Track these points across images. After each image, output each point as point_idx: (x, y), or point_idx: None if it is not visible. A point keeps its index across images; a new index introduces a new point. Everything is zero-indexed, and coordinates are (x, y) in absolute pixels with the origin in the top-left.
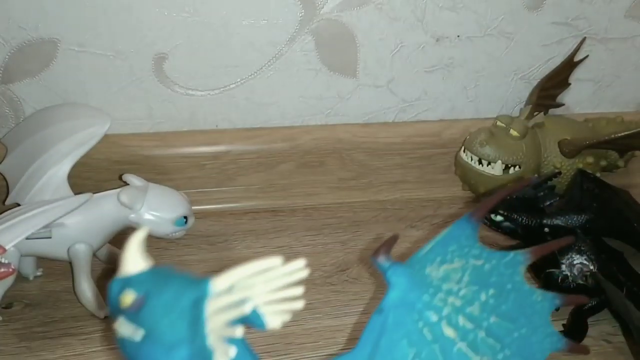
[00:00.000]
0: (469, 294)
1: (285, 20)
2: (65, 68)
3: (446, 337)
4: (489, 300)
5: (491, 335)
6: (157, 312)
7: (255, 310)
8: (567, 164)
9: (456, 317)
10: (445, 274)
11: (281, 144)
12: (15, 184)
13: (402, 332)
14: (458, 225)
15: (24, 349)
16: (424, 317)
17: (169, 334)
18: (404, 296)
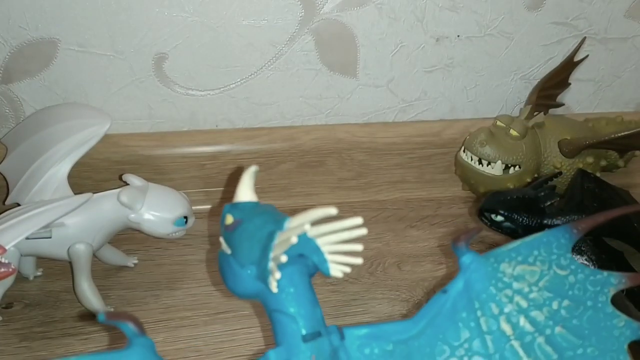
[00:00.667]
0: (539, 299)
1: (285, 20)
2: (65, 68)
3: (501, 332)
4: (560, 311)
5: (550, 344)
6: (243, 236)
7: (323, 259)
8: (567, 164)
9: (517, 317)
10: (520, 274)
11: (281, 144)
12: (15, 184)
13: (459, 316)
14: (554, 232)
15: (24, 349)
16: (485, 308)
17: (246, 255)
18: (471, 284)
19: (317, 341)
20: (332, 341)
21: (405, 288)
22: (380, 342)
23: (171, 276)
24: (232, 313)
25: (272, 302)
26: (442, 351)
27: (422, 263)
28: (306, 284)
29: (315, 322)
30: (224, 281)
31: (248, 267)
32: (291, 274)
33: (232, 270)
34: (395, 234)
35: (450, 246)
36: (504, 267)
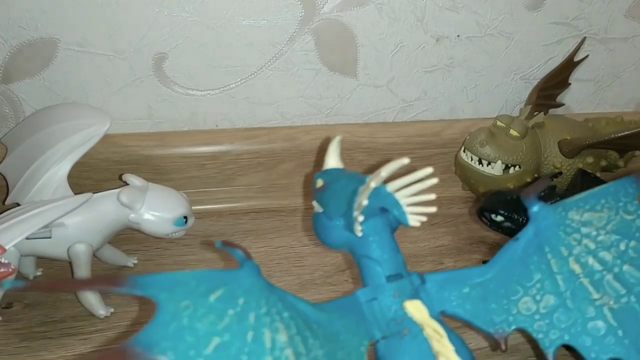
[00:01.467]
0: (607, 241)
1: (285, 20)
2: (65, 68)
3: (571, 271)
4: (627, 250)
5: (619, 280)
6: (331, 195)
7: (402, 211)
8: (567, 164)
9: (586, 257)
10: (588, 219)
11: (281, 144)
12: (15, 184)
13: (531, 260)
14: (620, 182)
15: (24, 349)
16: (555, 251)
17: (334, 209)
18: (541, 230)
19: (399, 282)
20: (413, 282)
21: None
22: (458, 285)
23: None
24: None
25: (359, 248)
26: (516, 291)
27: (422, 263)
28: (388, 233)
29: (397, 265)
30: (318, 237)
31: (337, 219)
32: (374, 224)
33: (324, 225)
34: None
35: (450, 247)
36: (571, 214)
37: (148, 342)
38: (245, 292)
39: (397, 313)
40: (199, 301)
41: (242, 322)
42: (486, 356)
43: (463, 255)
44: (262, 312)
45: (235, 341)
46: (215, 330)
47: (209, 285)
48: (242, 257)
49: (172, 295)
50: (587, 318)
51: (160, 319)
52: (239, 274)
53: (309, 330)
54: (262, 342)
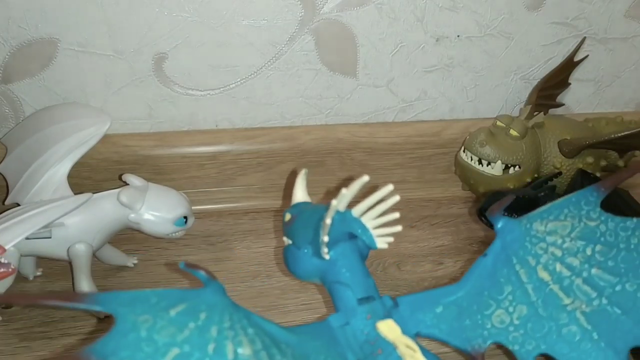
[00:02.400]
0: (572, 247)
1: (285, 20)
2: (65, 68)
3: (540, 279)
4: (594, 255)
5: (589, 284)
6: (299, 225)
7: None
8: (567, 164)
9: (553, 264)
10: (552, 229)
11: (281, 144)
12: (15, 184)
13: (500, 273)
14: (581, 193)
15: (24, 349)
16: (522, 262)
17: (302, 239)
18: (508, 243)
19: (370, 304)
20: (385, 304)
21: (405, 288)
22: (431, 305)
23: (171, 276)
24: None
25: (329, 275)
26: (489, 305)
27: (422, 263)
28: (357, 258)
29: (368, 288)
30: (289, 269)
31: (305, 247)
32: (343, 249)
33: (293, 255)
34: (395, 234)
35: (450, 247)
36: (536, 225)
37: (104, 352)
38: (208, 308)
39: (370, 335)
40: (158, 315)
41: (203, 334)
42: (486, 356)
43: (463, 255)
44: (225, 326)
45: (195, 352)
46: (174, 342)
47: (170, 301)
48: (205, 278)
49: (131, 309)
50: (560, 324)
51: (118, 330)
52: (202, 292)
53: (276, 348)
54: (224, 353)
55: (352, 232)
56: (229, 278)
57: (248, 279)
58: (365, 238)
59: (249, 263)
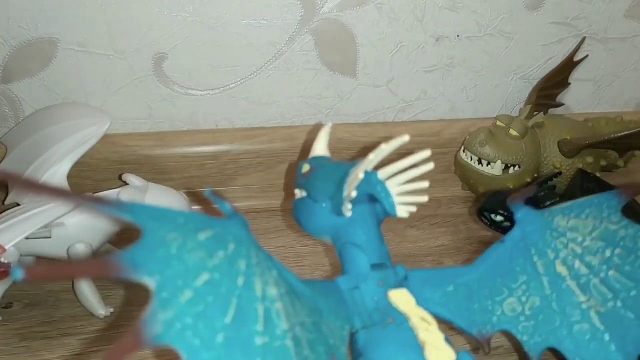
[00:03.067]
0: (592, 247)
1: (285, 20)
2: (65, 68)
3: (557, 274)
4: (613, 257)
5: (605, 285)
6: (319, 177)
7: (390, 200)
8: (567, 164)
9: (573, 261)
10: (574, 226)
11: (281, 144)
12: None
13: (517, 262)
14: (604, 195)
15: (24, 349)
16: (541, 253)
17: (321, 192)
18: (528, 234)
19: (383, 271)
20: (398, 274)
21: None
22: (442, 284)
23: None
24: None
25: (343, 234)
26: (501, 292)
27: (422, 263)
28: (375, 223)
29: (382, 255)
30: (300, 223)
31: (323, 202)
32: (362, 211)
33: (308, 208)
34: (395, 234)
35: (450, 247)
36: (558, 220)
37: (134, 261)
38: (236, 240)
39: (380, 303)
40: (188, 235)
41: (233, 265)
42: (485, 356)
43: (463, 255)
44: (253, 262)
45: (225, 281)
46: (205, 266)
47: (198, 225)
48: (230, 210)
49: (160, 224)
50: (573, 321)
51: (147, 243)
52: (228, 223)
53: (295, 296)
54: (253, 289)
55: (373, 194)
56: None
57: None
58: (386, 204)
59: None
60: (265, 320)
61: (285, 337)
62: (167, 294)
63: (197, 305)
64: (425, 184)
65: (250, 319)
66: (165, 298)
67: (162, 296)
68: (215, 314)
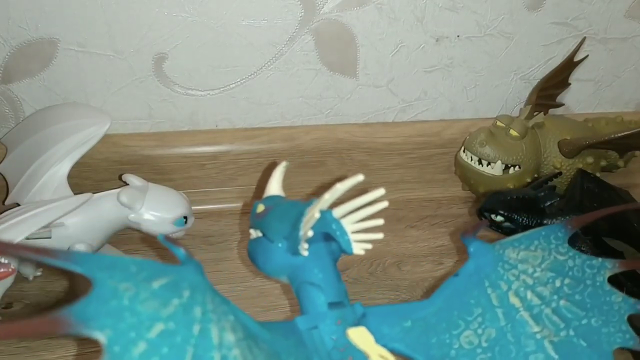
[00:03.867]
0: (543, 277)
1: (285, 20)
2: (65, 68)
3: (510, 305)
4: (563, 287)
5: (557, 315)
6: (274, 217)
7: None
8: (567, 164)
9: (525, 291)
10: (524, 257)
11: (281, 144)
12: (15, 184)
13: (471, 294)
14: (550, 227)
15: (23, 349)
16: (495, 285)
17: (276, 232)
18: (481, 266)
19: (341, 309)
20: (356, 312)
21: (405, 288)
22: (399, 319)
23: None
24: None
25: (300, 274)
26: (458, 325)
27: (421, 263)
28: (331, 260)
29: (340, 293)
30: (255, 264)
31: (279, 241)
32: (317, 249)
33: (263, 248)
34: (395, 234)
35: (449, 247)
36: (508, 252)
37: (84, 315)
38: (191, 287)
39: (338, 341)
40: (141, 285)
41: (188, 313)
42: None
43: (463, 255)
44: (209, 308)
45: (180, 330)
46: (159, 316)
47: (151, 272)
48: (184, 255)
49: (110, 274)
50: (528, 351)
51: (98, 295)
52: (182, 269)
53: (253, 341)
54: (209, 336)
55: (329, 232)
56: (229, 278)
57: (248, 279)
58: (342, 242)
59: (249, 263)
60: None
61: None
62: (119, 348)
63: (151, 357)
64: (379, 222)
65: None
66: (117, 352)
67: (114, 350)
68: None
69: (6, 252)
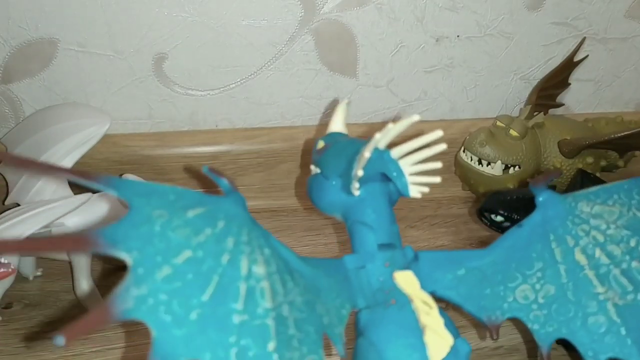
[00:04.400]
0: (616, 235)
1: (285, 20)
2: (65, 68)
3: (575, 262)
4: (638, 247)
5: (626, 276)
6: (331, 154)
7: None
8: (567, 164)
9: (593, 249)
10: (598, 212)
11: (281, 144)
12: (15, 184)
13: (534, 247)
14: (636, 180)
15: (24, 349)
16: (560, 240)
17: (332, 169)
18: (548, 219)
19: (391, 251)
20: (407, 255)
21: None
22: (454, 266)
23: None
24: None
25: (353, 212)
26: (515, 278)
27: None
28: (386, 201)
29: (391, 235)
30: (312, 199)
31: (333, 179)
32: (373, 189)
33: (319, 185)
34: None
35: (450, 247)
36: (581, 205)
37: (113, 237)
38: (227, 217)
39: (385, 283)
40: (175, 213)
41: (219, 243)
42: (486, 356)
43: None
44: (243, 240)
45: (208, 259)
46: (188, 244)
47: (189, 202)
48: (227, 186)
49: (147, 201)
50: (588, 312)
51: (130, 219)
52: (223, 200)
53: (289, 275)
54: (237, 267)
55: (386, 173)
56: None
57: None
58: (399, 183)
59: None
60: (246, 298)
61: (266, 315)
62: (143, 270)
63: (174, 282)
64: (437, 164)
65: (230, 297)
66: (140, 274)
67: (138, 272)
68: (192, 291)
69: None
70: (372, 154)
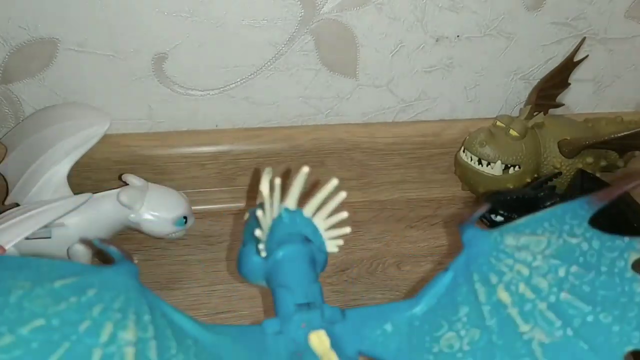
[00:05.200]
0: (543, 266)
1: (285, 20)
2: (65, 68)
3: (498, 301)
4: (567, 277)
5: (553, 310)
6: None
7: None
8: (567, 164)
9: (517, 284)
10: (525, 244)
11: (281, 144)
12: (15, 184)
13: (459, 291)
14: (570, 204)
15: None
16: (483, 280)
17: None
18: (472, 258)
19: (309, 311)
20: (326, 315)
21: (405, 288)
22: (380, 322)
23: (171, 276)
24: (232, 313)
25: (274, 277)
26: (440, 326)
27: (421, 263)
28: (305, 262)
29: (311, 294)
30: (238, 272)
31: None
32: (291, 251)
33: (240, 255)
34: (395, 234)
35: (449, 247)
36: (507, 239)
37: None
38: (102, 286)
39: (299, 345)
40: (40, 284)
41: (82, 311)
42: None
43: None
44: (114, 307)
45: (64, 327)
46: (43, 313)
47: (63, 273)
48: (118, 255)
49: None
50: (513, 355)
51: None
52: (107, 270)
53: (175, 342)
54: (97, 333)
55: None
56: (228, 278)
57: None
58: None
59: None
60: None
61: None
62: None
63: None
64: (344, 215)
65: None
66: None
67: None
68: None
69: None
70: (284, 217)
